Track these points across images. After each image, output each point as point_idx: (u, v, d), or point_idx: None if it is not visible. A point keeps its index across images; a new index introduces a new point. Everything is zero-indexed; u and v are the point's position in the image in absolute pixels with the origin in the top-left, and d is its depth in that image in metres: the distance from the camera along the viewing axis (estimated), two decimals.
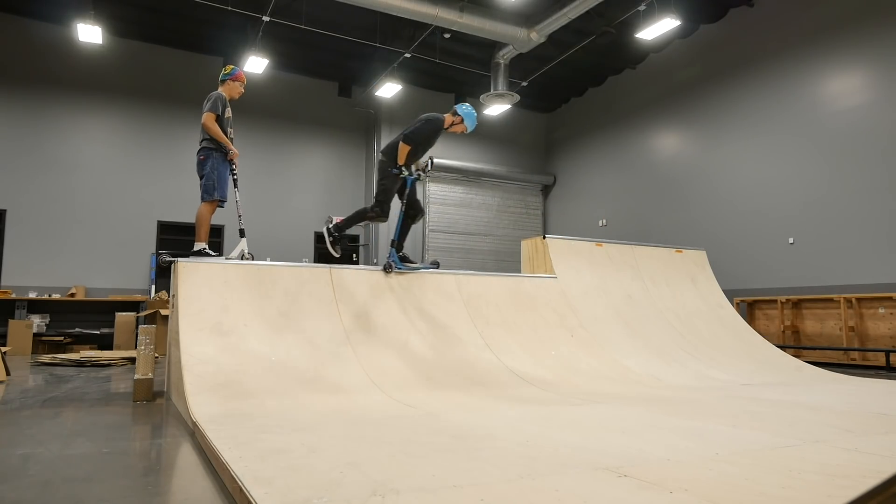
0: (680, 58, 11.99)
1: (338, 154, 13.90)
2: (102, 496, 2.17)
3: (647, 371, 5.60)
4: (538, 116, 15.75)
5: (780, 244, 9.75)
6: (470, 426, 3.25)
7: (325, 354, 4.63)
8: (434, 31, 10.86)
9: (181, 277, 4.65)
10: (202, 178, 5.31)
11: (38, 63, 11.12)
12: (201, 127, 5.31)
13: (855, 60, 9.04)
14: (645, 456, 2.57)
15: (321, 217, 13.45)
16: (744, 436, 3.04)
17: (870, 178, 8.68)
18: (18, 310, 10.07)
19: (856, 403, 4.24)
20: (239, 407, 3.68)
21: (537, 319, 5.96)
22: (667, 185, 12.05)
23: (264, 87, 12.35)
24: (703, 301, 7.48)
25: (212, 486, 2.32)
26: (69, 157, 11.23)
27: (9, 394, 4.82)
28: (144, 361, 4.53)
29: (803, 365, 6.64)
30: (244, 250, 5.41)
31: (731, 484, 2.16)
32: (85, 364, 7.31)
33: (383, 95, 12.75)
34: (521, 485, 2.13)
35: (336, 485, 2.09)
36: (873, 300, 8.28)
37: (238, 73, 5.59)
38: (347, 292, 5.24)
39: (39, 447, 2.89)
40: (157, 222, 11.80)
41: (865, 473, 2.31)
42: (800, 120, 9.69)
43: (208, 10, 10.17)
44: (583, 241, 7.34)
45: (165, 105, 11.92)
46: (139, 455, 2.92)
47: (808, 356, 8.40)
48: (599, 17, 10.57)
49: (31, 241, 10.77)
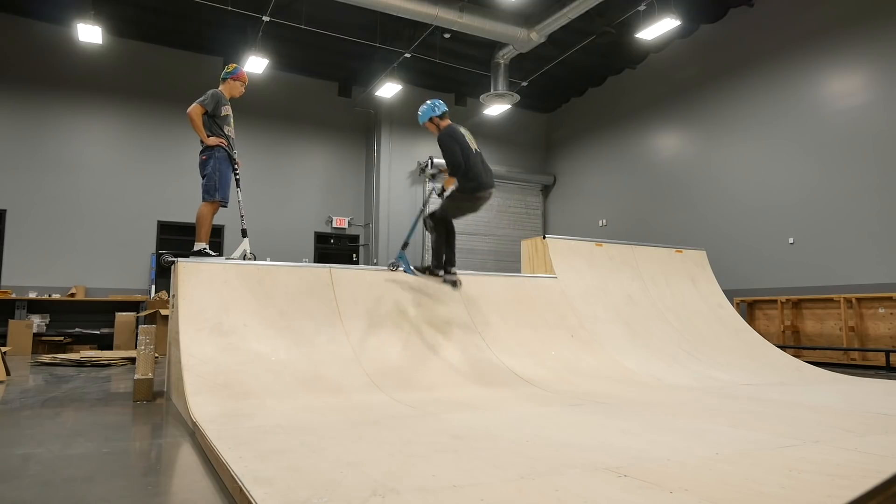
0: (680, 58, 11.99)
1: (338, 154, 13.90)
2: (102, 496, 2.17)
3: (647, 371, 5.60)
4: (538, 116, 15.75)
5: (780, 244, 9.75)
6: (470, 426, 3.25)
7: (325, 354, 4.63)
8: (434, 31, 10.86)
9: (181, 277, 4.65)
10: (204, 178, 5.31)
11: (38, 63, 11.12)
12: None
13: (855, 60, 9.04)
14: (645, 456, 2.57)
15: (321, 217, 13.45)
16: (744, 436, 3.03)
17: (869, 177, 8.68)
18: (18, 310, 10.07)
19: (856, 403, 4.24)
20: (239, 407, 3.68)
21: (537, 319, 5.95)
22: (667, 185, 12.05)
23: (264, 87, 12.35)
24: (703, 301, 7.48)
25: (212, 486, 2.32)
26: (69, 157, 11.23)
27: (9, 394, 4.82)
28: (144, 361, 4.53)
29: (803, 365, 6.64)
30: (246, 250, 5.41)
31: (731, 484, 2.16)
32: (85, 364, 7.31)
33: (383, 95, 12.75)
34: (521, 485, 2.13)
35: (336, 485, 2.09)
36: (873, 300, 8.28)
37: (240, 73, 5.57)
38: (347, 292, 5.24)
39: (39, 447, 2.89)
40: (157, 222, 11.80)
41: (865, 473, 2.31)
42: (800, 120, 9.69)
43: (208, 10, 10.17)
44: (583, 241, 7.34)
45: (165, 105, 11.91)
46: (139, 455, 2.92)
47: (808, 356, 8.40)
48: (599, 17, 10.57)
49: (31, 241, 10.77)
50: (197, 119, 5.22)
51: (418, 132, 14.16)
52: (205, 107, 5.25)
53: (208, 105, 5.27)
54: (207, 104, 5.27)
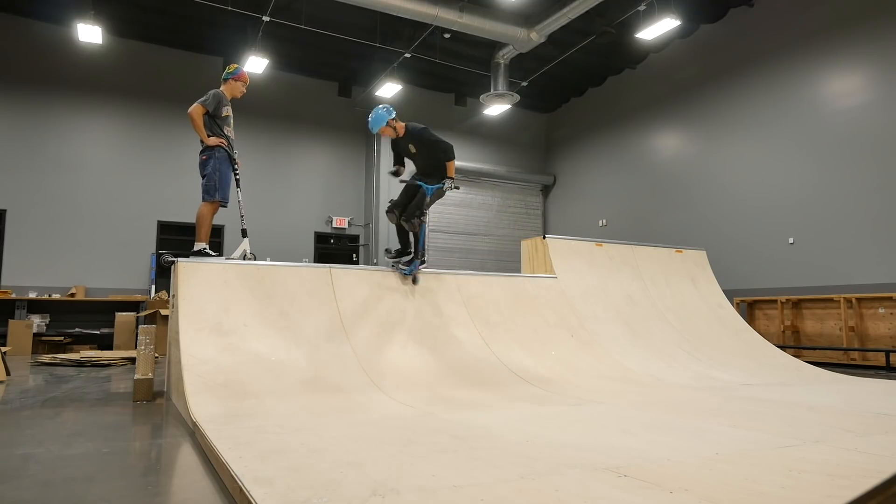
0: (680, 58, 11.99)
1: (338, 154, 13.89)
2: (102, 496, 2.17)
3: (647, 371, 5.60)
4: (538, 116, 15.75)
5: (780, 244, 9.75)
6: (470, 426, 3.25)
7: (325, 354, 4.63)
8: (434, 31, 10.86)
9: (181, 277, 4.65)
10: (203, 178, 5.31)
11: (38, 63, 11.12)
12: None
13: (855, 60, 9.04)
14: (645, 456, 2.57)
15: (321, 217, 13.45)
16: (744, 436, 3.03)
17: (869, 177, 8.68)
18: (18, 310, 10.07)
19: (856, 403, 4.24)
20: (239, 407, 3.68)
21: (537, 319, 5.96)
22: (667, 184, 12.05)
23: (264, 87, 12.35)
24: (703, 301, 7.48)
25: (212, 486, 2.32)
26: (69, 157, 11.23)
27: (9, 394, 4.82)
28: (144, 361, 4.53)
29: (803, 365, 6.64)
30: (246, 250, 5.41)
31: (731, 484, 2.16)
32: (85, 364, 7.31)
33: (383, 95, 12.74)
34: (521, 485, 2.13)
35: (336, 485, 2.09)
36: (873, 300, 8.28)
37: (241, 74, 5.57)
38: (347, 292, 5.24)
39: (39, 447, 2.89)
40: (157, 222, 11.80)
41: (865, 473, 2.31)
42: (800, 119, 9.69)
43: (208, 10, 10.17)
44: (583, 241, 7.34)
45: (165, 105, 11.91)
46: (139, 455, 2.92)
47: (808, 356, 8.40)
48: (599, 17, 10.57)
49: (32, 241, 10.77)
50: (198, 119, 5.22)
51: None
52: (206, 107, 5.25)
53: (209, 105, 5.27)
54: (208, 104, 5.27)
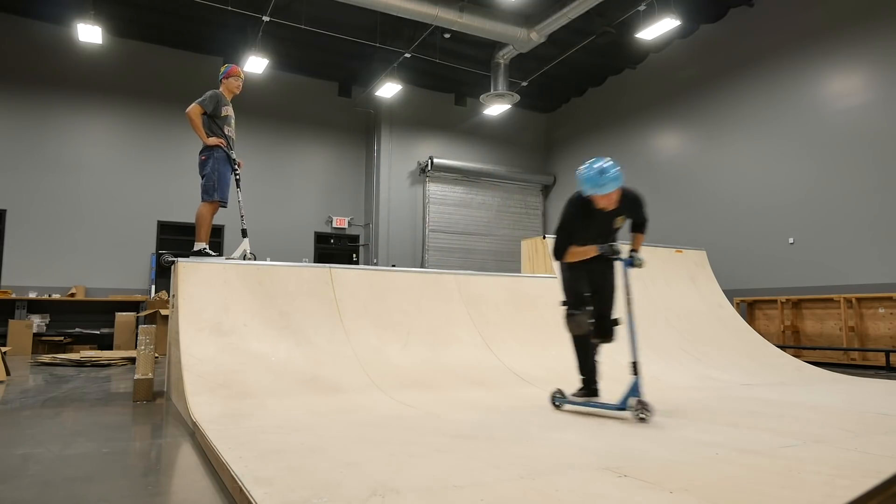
0: (680, 58, 11.98)
1: (338, 154, 13.89)
2: (102, 496, 2.17)
3: (646, 371, 5.59)
4: (538, 116, 15.74)
5: (780, 244, 9.75)
6: (470, 426, 3.25)
7: (325, 354, 4.63)
8: (434, 31, 10.86)
9: (181, 277, 4.65)
10: (203, 179, 5.31)
11: (38, 63, 11.11)
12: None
13: (855, 60, 9.04)
14: (645, 456, 2.57)
15: (321, 217, 13.44)
16: (744, 436, 3.03)
17: (869, 177, 8.68)
18: (18, 310, 10.07)
19: (856, 403, 4.24)
20: (239, 407, 3.68)
21: (537, 319, 5.95)
22: (667, 184, 12.04)
23: (264, 87, 12.35)
24: (703, 301, 7.48)
25: (212, 486, 2.32)
26: (69, 157, 11.22)
27: (9, 394, 4.82)
28: (144, 361, 4.53)
29: (803, 365, 6.64)
30: (246, 250, 5.41)
31: (731, 484, 2.16)
32: (85, 364, 7.31)
33: (383, 95, 12.74)
34: (521, 485, 2.13)
35: (336, 485, 2.09)
36: (873, 300, 8.28)
37: (231, 68, 5.59)
38: (347, 292, 5.24)
39: (39, 447, 2.89)
40: (157, 222, 11.79)
41: (865, 473, 2.31)
42: (800, 119, 9.69)
43: (208, 10, 10.16)
44: None
45: (165, 105, 11.90)
46: (139, 455, 2.92)
47: (808, 356, 8.40)
48: (599, 17, 10.57)
49: (31, 241, 10.77)
50: (196, 119, 5.23)
51: (418, 132, 14.18)
52: (203, 107, 5.27)
53: (207, 105, 5.28)
54: (206, 104, 5.28)
